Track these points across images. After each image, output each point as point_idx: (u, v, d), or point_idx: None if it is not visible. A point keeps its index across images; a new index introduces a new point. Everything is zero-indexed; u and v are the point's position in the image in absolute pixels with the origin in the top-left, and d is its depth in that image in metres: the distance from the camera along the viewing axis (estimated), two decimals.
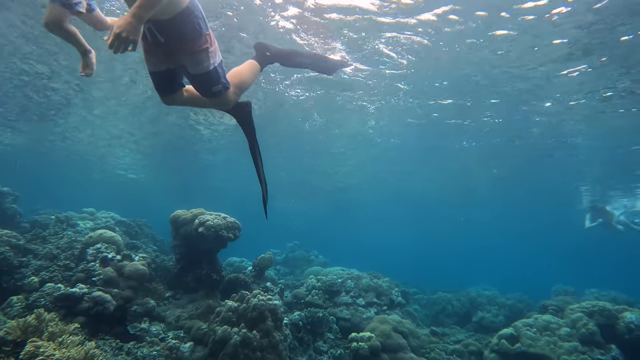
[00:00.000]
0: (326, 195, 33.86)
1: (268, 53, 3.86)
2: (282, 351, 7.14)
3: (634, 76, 9.81)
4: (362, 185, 28.51)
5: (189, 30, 2.81)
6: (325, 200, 36.55)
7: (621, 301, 12.80)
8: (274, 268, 17.97)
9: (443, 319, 13.95)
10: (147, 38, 2.86)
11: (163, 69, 3.07)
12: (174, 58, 2.99)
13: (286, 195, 35.58)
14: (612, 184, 20.63)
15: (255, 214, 40.86)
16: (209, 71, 3.02)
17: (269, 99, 13.53)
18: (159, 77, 3.15)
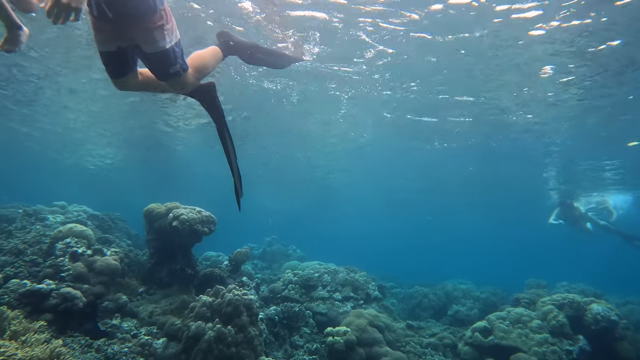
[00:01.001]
0: (304, 190, 33.84)
1: (232, 42, 3.72)
2: (257, 346, 7.09)
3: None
4: (340, 180, 28.59)
5: (141, 5, 2.55)
6: (303, 195, 36.53)
7: (589, 293, 13.17)
8: (251, 262, 17.86)
9: (419, 312, 14.13)
10: (94, 12, 2.56)
11: (113, 48, 2.77)
12: (125, 36, 2.70)
13: (264, 190, 35.41)
14: (582, 183, 21.27)
15: (233, 208, 40.51)
16: (164, 50, 2.76)
17: (238, 89, 13.39)
18: (109, 57, 2.84)
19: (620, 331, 8.57)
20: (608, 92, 11.04)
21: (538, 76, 10.45)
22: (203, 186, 34.33)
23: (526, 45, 9.00)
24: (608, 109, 12.19)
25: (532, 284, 14.28)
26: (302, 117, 15.95)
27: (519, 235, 44.64)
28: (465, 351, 8.71)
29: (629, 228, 17.04)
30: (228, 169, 4.03)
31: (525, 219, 33.65)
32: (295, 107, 14.66)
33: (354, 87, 12.50)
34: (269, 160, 24.43)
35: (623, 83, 10.51)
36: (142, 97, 14.31)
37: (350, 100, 13.59)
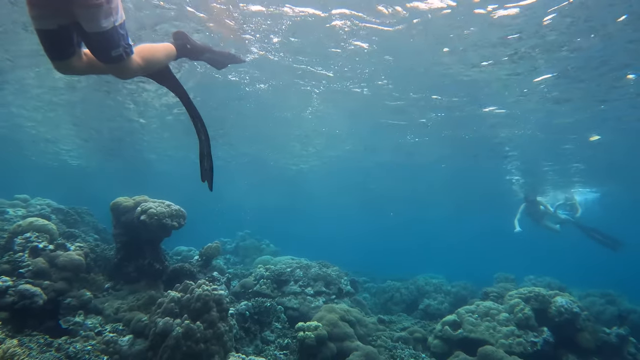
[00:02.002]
0: (276, 185, 33.71)
1: (189, 46, 3.57)
2: (227, 342, 6.99)
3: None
4: (312, 175, 28.60)
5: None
6: (276, 190, 36.38)
7: (555, 286, 13.59)
8: (224, 257, 17.65)
9: (391, 306, 14.26)
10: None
11: (52, 26, 2.45)
12: (64, 12, 2.40)
13: (238, 185, 35.06)
14: (550, 177, 21.88)
15: (206, 202, 40.21)
16: (106, 31, 2.49)
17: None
18: (47, 36, 2.51)
19: (581, 322, 8.85)
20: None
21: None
22: (175, 181, 33.74)
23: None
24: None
25: (501, 278, 14.60)
26: (271, 112, 15.80)
27: (490, 231, 45.62)
28: (435, 344, 8.84)
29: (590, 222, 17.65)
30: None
31: (495, 215, 34.54)
32: (265, 102, 14.51)
33: (325, 83, 12.45)
34: (241, 154, 24.21)
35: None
36: (109, 88, 13.87)
37: (321, 95, 13.53)
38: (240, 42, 9.90)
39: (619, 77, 10.57)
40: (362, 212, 48.31)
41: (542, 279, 15.10)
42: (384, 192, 32.62)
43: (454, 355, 7.98)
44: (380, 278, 18.27)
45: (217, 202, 48.06)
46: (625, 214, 31.18)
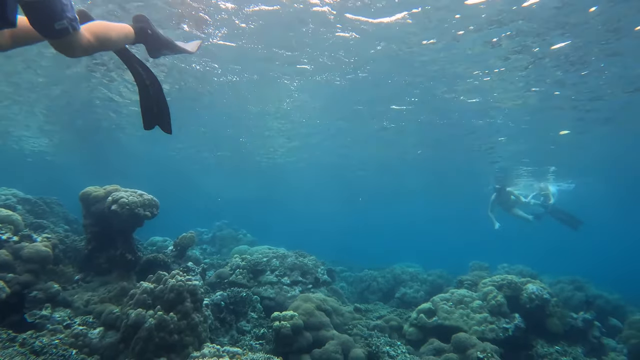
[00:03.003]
0: (256, 175, 33.47)
1: (149, 31, 3.26)
2: (201, 332, 6.90)
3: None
4: (292, 165, 28.47)
5: None
6: (254, 180, 36.14)
7: (527, 274, 13.92)
8: (200, 247, 17.47)
9: (368, 295, 14.40)
10: None
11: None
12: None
13: (216, 175, 34.66)
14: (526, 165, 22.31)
15: (183, 193, 39.61)
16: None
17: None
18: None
19: (550, 308, 9.10)
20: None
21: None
22: (152, 171, 33.16)
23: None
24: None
25: (476, 267, 14.86)
26: (249, 102, 15.58)
27: (466, 220, 46.43)
28: (410, 332, 8.95)
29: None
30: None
31: (471, 204, 35.18)
32: (243, 92, 14.30)
33: (303, 73, 12.30)
34: (217, 145, 23.88)
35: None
36: (79, 71, 13.37)
37: (300, 86, 13.39)
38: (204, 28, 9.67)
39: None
40: (340, 203, 48.46)
41: (515, 267, 15.40)
42: (362, 182, 32.78)
43: (428, 343, 8.10)
44: (357, 267, 18.41)
45: (194, 193, 47.49)
46: (598, 203, 32.20)
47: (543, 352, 8.26)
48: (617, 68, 10.52)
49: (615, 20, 8.37)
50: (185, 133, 21.30)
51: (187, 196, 51.83)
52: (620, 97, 12.32)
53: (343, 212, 59.11)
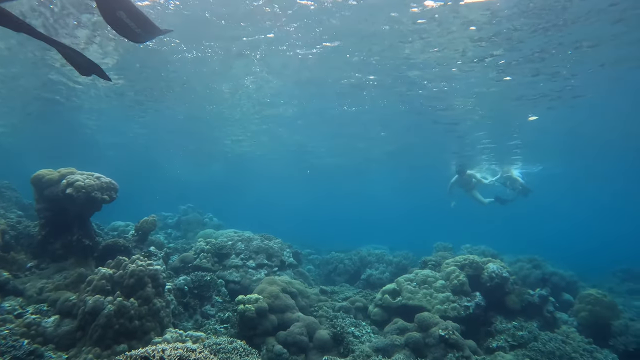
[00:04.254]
0: (220, 157, 32.93)
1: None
2: (164, 318, 6.77)
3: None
4: (257, 149, 28.18)
5: None
6: (220, 163, 35.57)
7: (488, 254, 14.35)
8: (165, 232, 17.12)
9: (335, 277, 14.50)
10: None
11: None
12: None
13: (182, 158, 33.87)
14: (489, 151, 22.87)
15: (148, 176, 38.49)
16: None
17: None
18: None
19: (509, 286, 9.43)
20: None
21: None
22: (115, 156, 32.05)
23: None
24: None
25: (440, 247, 15.13)
26: (209, 80, 15.13)
27: (432, 202, 47.36)
28: (375, 312, 9.08)
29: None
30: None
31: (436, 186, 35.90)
32: (201, 69, 13.85)
33: (265, 47, 11.97)
34: (178, 126, 23.24)
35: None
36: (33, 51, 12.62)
37: (261, 61, 13.03)
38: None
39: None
40: (307, 186, 48.47)
41: (477, 247, 15.80)
42: (328, 165, 32.81)
43: (392, 322, 8.23)
44: (325, 250, 18.52)
45: (158, 177, 46.37)
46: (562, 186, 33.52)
47: (501, 328, 8.56)
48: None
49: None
50: (143, 115, 20.62)
51: (152, 180, 50.56)
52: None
53: (310, 196, 59.21)
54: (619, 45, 10.45)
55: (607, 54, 10.89)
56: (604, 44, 10.34)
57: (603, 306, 9.61)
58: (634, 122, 16.93)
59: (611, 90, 13.46)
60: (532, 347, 7.78)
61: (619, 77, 12.41)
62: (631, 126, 17.48)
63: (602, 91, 13.64)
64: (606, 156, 24.25)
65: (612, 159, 24.90)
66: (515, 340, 8.15)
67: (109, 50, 12.12)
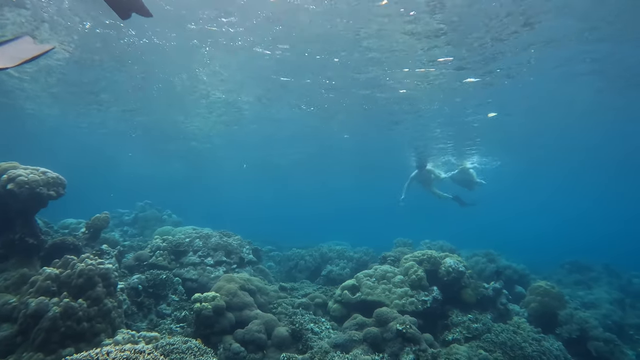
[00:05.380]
0: (179, 154, 32.23)
1: None
2: (115, 318, 6.50)
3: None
4: (217, 144, 27.77)
5: None
6: (180, 160, 34.82)
7: (446, 249, 14.70)
8: (121, 229, 16.53)
9: (296, 274, 14.44)
10: None
11: None
12: None
13: (140, 153, 32.84)
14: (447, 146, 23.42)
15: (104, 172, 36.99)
16: None
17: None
18: None
19: (465, 280, 9.67)
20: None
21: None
22: (67, 151, 30.67)
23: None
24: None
25: (400, 243, 15.30)
26: (165, 71, 14.68)
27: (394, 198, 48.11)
28: (334, 308, 9.09)
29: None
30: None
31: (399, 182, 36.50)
32: (156, 58, 13.38)
33: (220, 41, 11.69)
34: (134, 120, 22.51)
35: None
36: None
37: (219, 56, 12.73)
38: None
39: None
40: (269, 183, 48.20)
41: (436, 242, 16.12)
42: (290, 162, 32.74)
43: (351, 318, 8.26)
44: (287, 247, 18.41)
45: (116, 173, 44.88)
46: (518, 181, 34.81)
47: (457, 321, 8.77)
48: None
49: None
50: (98, 108, 19.83)
51: (109, 177, 48.86)
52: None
53: (272, 192, 58.92)
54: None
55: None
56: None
57: (551, 297, 10.04)
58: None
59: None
60: (486, 339, 8.02)
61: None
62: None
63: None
64: (555, 154, 25.52)
65: (559, 157, 26.25)
66: (470, 332, 8.36)
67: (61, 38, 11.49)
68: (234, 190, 59.44)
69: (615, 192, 41.77)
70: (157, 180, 48.11)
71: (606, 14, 9.34)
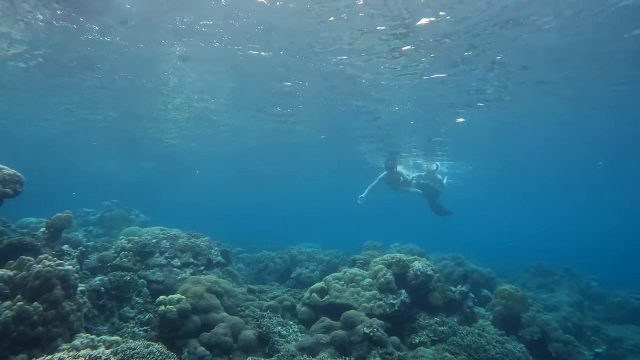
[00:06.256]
0: (150, 154, 31.59)
1: None
2: (74, 322, 6.26)
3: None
4: (188, 146, 27.36)
5: None
6: (152, 160, 34.14)
7: (415, 252, 14.83)
8: (85, 229, 16.03)
9: (265, 276, 14.29)
10: None
11: None
12: None
13: (108, 153, 32.00)
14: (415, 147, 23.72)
15: (66, 171, 35.87)
16: None
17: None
18: None
19: (433, 283, 9.79)
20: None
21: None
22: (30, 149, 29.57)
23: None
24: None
25: (370, 246, 15.30)
26: (132, 70, 14.36)
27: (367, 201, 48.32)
28: (302, 311, 9.02)
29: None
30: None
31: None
32: (123, 57, 13.07)
33: (189, 42, 11.50)
34: (101, 120, 21.91)
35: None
36: None
37: (188, 53, 12.51)
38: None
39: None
40: (241, 185, 47.80)
41: (406, 245, 16.24)
42: (262, 164, 32.54)
43: (319, 321, 8.21)
44: (258, 248, 18.24)
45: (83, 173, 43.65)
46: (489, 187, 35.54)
47: (424, 324, 8.85)
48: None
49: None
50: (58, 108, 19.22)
51: (76, 176, 47.43)
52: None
53: (245, 194, 58.42)
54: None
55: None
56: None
57: (515, 300, 10.28)
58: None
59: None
60: (451, 342, 8.12)
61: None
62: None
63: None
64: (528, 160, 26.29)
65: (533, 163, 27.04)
66: (436, 335, 8.46)
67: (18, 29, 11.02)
68: (205, 191, 58.65)
69: (578, 199, 43.40)
70: (125, 179, 46.94)
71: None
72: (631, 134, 18.58)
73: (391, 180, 17.79)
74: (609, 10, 8.78)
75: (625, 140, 19.70)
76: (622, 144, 20.36)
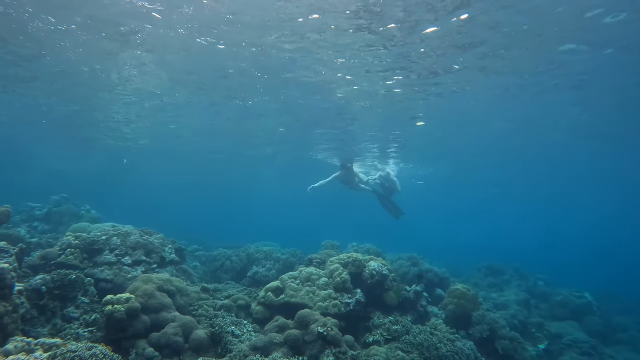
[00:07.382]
0: (104, 149, 30.43)
1: None
2: (8, 324, 5.89)
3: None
4: (143, 140, 26.57)
5: None
6: (103, 154, 32.89)
7: (372, 252, 14.95)
8: (29, 225, 15.17)
9: (221, 274, 14.02)
10: None
11: None
12: None
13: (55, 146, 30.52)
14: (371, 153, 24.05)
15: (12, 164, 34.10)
16: None
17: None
18: None
19: (388, 283, 9.90)
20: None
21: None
22: None
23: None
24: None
25: (327, 245, 15.24)
26: (84, 62, 13.76)
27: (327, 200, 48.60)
28: (257, 310, 8.90)
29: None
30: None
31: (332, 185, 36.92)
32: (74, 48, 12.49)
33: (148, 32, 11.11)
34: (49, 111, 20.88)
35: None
36: None
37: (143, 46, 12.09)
38: None
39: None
40: (199, 181, 46.92)
41: (363, 245, 16.33)
42: (218, 160, 32.06)
43: (273, 320, 8.13)
44: (215, 246, 17.89)
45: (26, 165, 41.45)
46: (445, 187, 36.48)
47: (378, 323, 8.94)
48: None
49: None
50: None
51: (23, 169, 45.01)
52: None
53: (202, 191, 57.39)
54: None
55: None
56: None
57: (467, 299, 10.59)
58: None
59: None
60: (404, 340, 8.24)
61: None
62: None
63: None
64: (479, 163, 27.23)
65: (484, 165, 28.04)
66: (390, 334, 8.56)
67: None
68: (163, 189, 57.16)
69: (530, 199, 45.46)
70: (75, 173, 44.96)
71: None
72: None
73: (346, 180, 17.90)
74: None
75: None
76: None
